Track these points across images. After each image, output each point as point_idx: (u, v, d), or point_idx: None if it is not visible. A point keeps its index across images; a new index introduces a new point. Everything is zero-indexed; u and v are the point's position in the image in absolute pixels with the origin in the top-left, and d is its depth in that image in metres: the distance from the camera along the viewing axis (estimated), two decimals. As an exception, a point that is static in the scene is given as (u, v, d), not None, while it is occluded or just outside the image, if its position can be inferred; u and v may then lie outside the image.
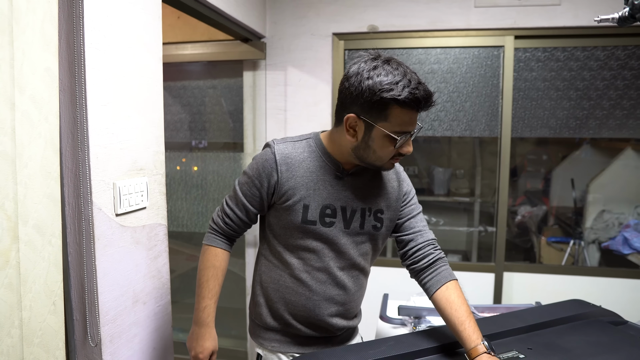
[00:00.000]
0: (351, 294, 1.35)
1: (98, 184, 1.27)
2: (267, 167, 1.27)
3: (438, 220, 3.96)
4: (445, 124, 2.62)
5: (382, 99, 1.12)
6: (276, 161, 1.26)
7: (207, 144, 3.14)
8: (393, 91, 1.11)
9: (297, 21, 2.67)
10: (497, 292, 2.60)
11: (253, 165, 1.31)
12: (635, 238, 2.83)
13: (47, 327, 1.16)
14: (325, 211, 1.27)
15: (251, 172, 1.31)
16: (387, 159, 1.22)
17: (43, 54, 1.12)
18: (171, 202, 2.88)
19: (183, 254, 3.27)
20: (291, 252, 1.32)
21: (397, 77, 1.12)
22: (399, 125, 1.15)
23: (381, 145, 1.18)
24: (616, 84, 2.47)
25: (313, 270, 1.31)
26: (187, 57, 2.84)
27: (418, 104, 1.14)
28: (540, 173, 4.08)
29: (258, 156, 1.32)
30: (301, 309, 1.33)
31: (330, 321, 1.34)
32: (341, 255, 1.31)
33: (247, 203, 1.32)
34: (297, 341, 1.37)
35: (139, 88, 1.44)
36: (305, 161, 1.28)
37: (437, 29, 2.55)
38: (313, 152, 1.29)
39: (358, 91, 1.14)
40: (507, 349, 1.18)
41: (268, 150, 1.30)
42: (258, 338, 1.41)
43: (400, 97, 1.11)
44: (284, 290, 1.33)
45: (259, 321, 1.40)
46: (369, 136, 1.18)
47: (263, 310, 1.38)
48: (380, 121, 1.15)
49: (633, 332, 1.30)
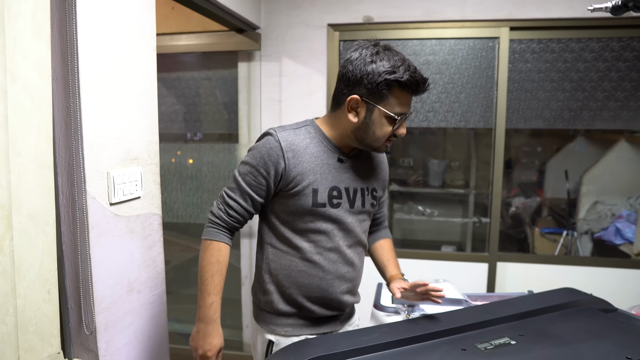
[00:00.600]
0: (357, 269, 1.45)
1: (92, 173, 1.27)
2: (273, 155, 1.29)
3: (433, 211, 3.98)
4: (440, 115, 2.63)
5: (386, 81, 1.22)
6: (282, 149, 1.29)
7: (201, 135, 3.13)
8: (396, 74, 1.21)
9: (291, 12, 2.66)
10: (491, 282, 2.62)
11: (256, 155, 1.31)
12: (627, 229, 2.86)
13: (42, 315, 1.16)
14: (332, 193, 1.34)
15: (255, 162, 1.31)
16: (383, 140, 1.31)
17: (35, 42, 1.11)
18: (166, 193, 2.88)
19: (178, 245, 3.28)
20: (301, 236, 1.35)
21: (398, 62, 1.23)
22: (398, 106, 1.26)
23: (380, 125, 1.27)
24: (610, 76, 2.48)
25: (325, 251, 1.36)
26: (181, 48, 2.82)
27: (417, 86, 1.24)
28: (535, 165, 4.10)
29: (260, 145, 1.32)
30: (315, 290, 1.37)
31: (342, 298, 1.41)
32: (349, 233, 1.38)
33: (253, 193, 1.32)
34: (310, 323, 1.42)
35: (133, 77, 1.44)
36: (309, 147, 1.32)
37: (433, 20, 2.55)
38: (314, 138, 1.34)
39: (361, 74, 1.24)
40: (499, 336, 1.20)
41: (271, 138, 1.31)
42: (269, 325, 1.42)
43: (402, 79, 1.21)
44: (297, 275, 1.36)
45: (269, 309, 1.41)
46: (370, 117, 1.27)
47: (274, 297, 1.40)
48: (381, 102, 1.25)
49: (622, 319, 1.31)
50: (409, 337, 1.18)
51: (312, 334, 1.41)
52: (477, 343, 1.13)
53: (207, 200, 2.86)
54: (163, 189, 2.83)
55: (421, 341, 1.19)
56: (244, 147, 2.81)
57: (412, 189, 4.00)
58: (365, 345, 1.13)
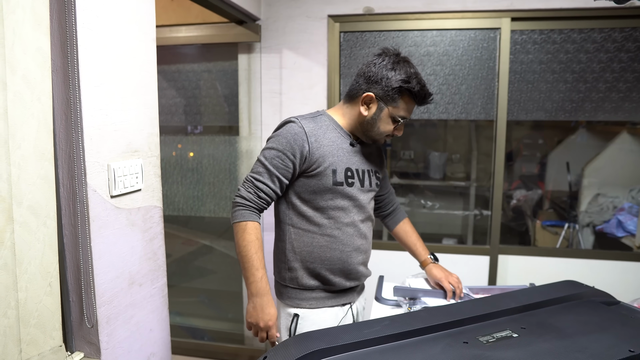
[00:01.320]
0: (369, 242, 1.65)
1: (92, 166, 1.26)
2: (298, 140, 1.45)
3: (434, 204, 3.98)
4: (441, 106, 2.61)
5: (400, 87, 1.44)
6: (306, 133, 1.46)
7: (202, 128, 3.12)
8: (409, 84, 1.44)
9: (292, 3, 2.64)
10: (492, 275, 2.63)
11: (282, 140, 1.46)
12: (629, 221, 2.85)
13: (44, 308, 1.16)
14: (347, 173, 1.52)
15: (282, 146, 1.45)
16: (384, 136, 1.54)
17: (34, 33, 1.10)
18: (167, 186, 2.88)
19: (179, 238, 3.28)
20: (322, 214, 1.51)
21: (413, 75, 1.45)
22: (404, 111, 1.49)
23: (385, 123, 1.50)
24: (612, 67, 2.46)
25: (343, 226, 1.53)
26: (181, 40, 2.81)
27: (423, 98, 1.47)
28: (536, 157, 4.09)
29: (284, 131, 1.47)
30: (337, 262, 1.54)
31: (359, 269, 1.60)
32: (361, 209, 1.57)
33: (280, 175, 1.46)
34: (332, 295, 1.59)
35: (133, 69, 1.43)
36: (327, 133, 1.51)
37: (433, 11, 2.52)
38: (329, 126, 1.53)
39: (381, 76, 1.45)
40: (501, 329, 1.19)
41: (294, 125, 1.47)
42: (295, 300, 1.57)
43: (414, 89, 1.44)
44: (319, 250, 1.53)
45: (295, 284, 1.56)
46: (379, 115, 1.49)
47: (299, 273, 1.55)
48: (391, 105, 1.47)
49: (625, 312, 1.31)
50: (410, 330, 1.18)
51: (333, 306, 1.59)
52: (478, 336, 1.13)
53: (207, 193, 2.86)
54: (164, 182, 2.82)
55: (423, 334, 1.18)
56: (245, 139, 2.80)
57: (413, 182, 3.99)
58: (367, 338, 1.13)
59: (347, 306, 1.64)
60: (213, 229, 3.29)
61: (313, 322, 1.56)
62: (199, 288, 3.37)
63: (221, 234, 3.27)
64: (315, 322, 1.56)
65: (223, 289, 3.37)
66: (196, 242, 3.33)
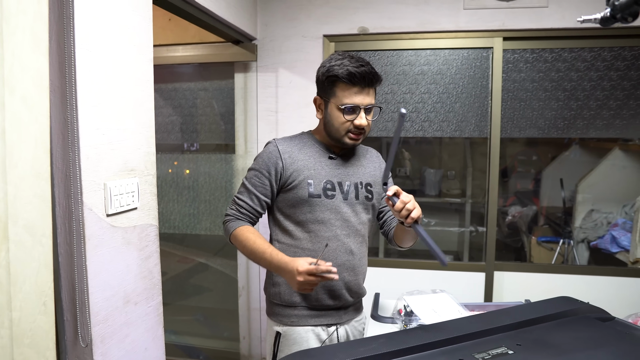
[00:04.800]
0: (357, 258, 1.57)
1: (89, 185, 1.27)
2: (272, 158, 1.51)
3: (430, 220, 3.99)
4: (435, 124, 2.64)
5: (328, 78, 1.46)
6: (279, 151, 1.51)
7: (198, 146, 3.14)
8: (335, 70, 1.43)
9: (288, 23, 2.68)
10: (488, 291, 2.62)
11: (258, 161, 1.54)
12: (623, 237, 2.87)
13: (38, 328, 1.16)
14: (327, 186, 1.51)
15: (258, 166, 1.53)
16: (343, 131, 1.48)
17: (33, 54, 1.12)
18: (163, 204, 2.88)
19: (175, 256, 3.26)
20: (302, 227, 1.52)
21: (342, 60, 1.44)
22: (346, 98, 1.44)
23: (335, 117, 1.48)
24: (602, 85, 2.50)
25: (324, 240, 1.50)
26: (178, 59, 2.84)
27: (353, 77, 1.41)
28: (531, 174, 4.12)
29: (262, 152, 1.55)
30: None
31: (343, 286, 1.53)
32: (345, 223, 1.53)
33: (258, 193, 1.52)
34: (315, 313, 1.54)
35: (130, 89, 1.44)
36: (303, 149, 1.54)
37: (427, 31, 2.57)
38: (308, 142, 1.57)
39: (317, 76, 1.52)
40: (497, 345, 1.19)
41: (270, 145, 1.55)
42: (277, 316, 1.56)
43: (339, 73, 1.42)
44: None
45: (278, 300, 1.55)
46: (326, 111, 1.51)
47: (282, 288, 1.54)
48: (331, 97, 1.48)
49: (620, 327, 1.32)
50: (406, 348, 1.17)
51: (317, 325, 1.54)
52: (474, 353, 1.13)
53: (203, 211, 2.86)
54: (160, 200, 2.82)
55: (418, 351, 1.18)
56: (241, 157, 2.81)
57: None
58: (363, 355, 1.13)
59: (332, 327, 1.57)
60: (209, 247, 3.28)
61: (294, 342, 1.52)
62: (195, 306, 3.35)
63: (217, 252, 3.26)
64: (297, 342, 1.52)
65: (219, 307, 3.34)
66: (192, 259, 3.31)
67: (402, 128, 1.20)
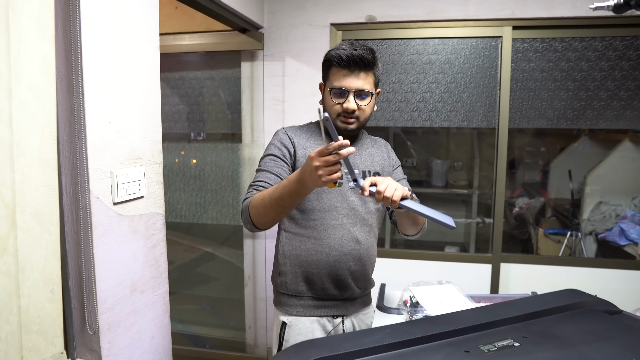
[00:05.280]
0: (364, 248, 1.54)
1: (95, 173, 1.27)
2: (284, 141, 1.51)
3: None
4: (442, 114, 2.62)
5: (325, 62, 1.49)
6: (289, 136, 1.53)
7: (205, 135, 3.14)
8: (329, 54, 1.46)
9: (295, 11, 2.65)
10: (494, 283, 2.62)
11: (270, 146, 1.53)
12: (631, 229, 2.84)
13: (46, 315, 1.17)
14: None
15: (271, 151, 1.51)
16: (335, 115, 1.47)
17: (39, 42, 1.11)
18: (169, 193, 2.88)
19: (181, 245, 3.28)
20: (308, 216, 1.50)
21: (343, 45, 1.44)
22: (336, 81, 1.45)
23: (327, 100, 1.49)
24: (614, 75, 2.46)
25: (329, 228, 1.49)
26: (184, 48, 2.83)
27: (340, 60, 1.41)
28: (539, 165, 4.08)
29: (273, 139, 1.55)
30: (323, 267, 1.49)
31: (349, 275, 1.52)
32: (352, 211, 1.51)
33: (276, 170, 1.47)
34: (321, 304, 1.53)
35: (136, 77, 1.44)
36: (312, 136, 1.55)
37: (435, 20, 2.54)
38: (315, 131, 1.57)
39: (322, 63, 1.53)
40: (503, 337, 1.19)
41: (279, 132, 1.56)
42: (283, 306, 1.55)
43: (330, 56, 1.45)
44: (306, 254, 1.50)
45: (284, 289, 1.55)
46: (324, 95, 1.53)
47: (288, 277, 1.53)
48: (326, 81, 1.51)
49: (627, 321, 1.31)
50: (411, 339, 1.17)
51: (322, 316, 1.53)
52: (480, 345, 1.12)
53: (210, 200, 2.86)
54: (166, 189, 2.83)
55: (424, 343, 1.18)
56: (247, 147, 2.81)
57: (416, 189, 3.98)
58: (368, 346, 1.13)
59: (338, 319, 1.55)
60: (215, 236, 3.29)
61: (299, 332, 1.51)
62: (201, 295, 3.37)
63: (223, 241, 3.27)
64: (302, 332, 1.51)
65: (225, 297, 3.36)
66: (198, 249, 3.33)
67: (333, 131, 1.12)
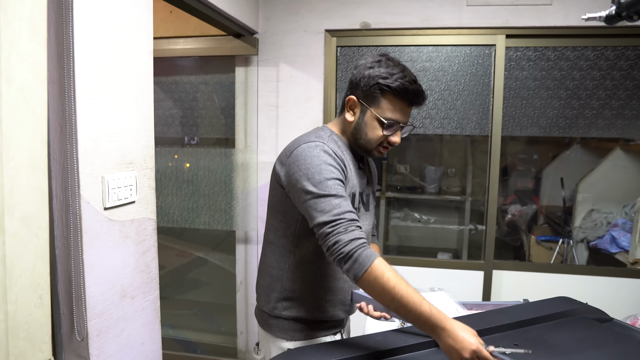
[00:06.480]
0: None
1: (86, 177, 1.26)
2: (337, 158, 1.27)
3: (429, 218, 3.98)
4: (436, 121, 2.63)
5: (378, 85, 1.29)
6: (335, 154, 1.28)
7: (198, 140, 3.13)
8: (388, 79, 1.28)
9: (289, 17, 2.66)
10: (487, 290, 2.62)
11: (331, 169, 1.23)
12: (622, 237, 2.86)
13: (33, 321, 1.15)
14: (356, 197, 1.38)
15: (336, 174, 1.23)
16: (375, 144, 1.35)
17: (31, 45, 1.10)
18: (162, 198, 2.87)
19: (173, 250, 3.26)
20: None
21: (395, 70, 1.29)
22: (389, 112, 1.31)
23: (372, 128, 1.33)
24: (605, 84, 2.49)
25: None
26: (179, 52, 2.82)
27: (406, 94, 1.29)
28: (531, 172, 4.11)
29: (315, 154, 1.24)
30: (339, 292, 1.41)
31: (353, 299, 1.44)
32: (366, 235, 1.32)
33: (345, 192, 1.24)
34: (328, 324, 1.44)
35: (129, 81, 1.43)
36: (344, 155, 1.35)
37: (430, 27, 2.55)
38: (344, 148, 1.38)
39: (360, 77, 1.32)
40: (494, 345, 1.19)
41: (328, 150, 1.26)
42: (289, 332, 1.40)
43: (392, 85, 1.27)
44: (322, 280, 1.39)
45: (291, 316, 1.39)
46: (363, 118, 1.34)
47: (298, 304, 1.38)
48: (373, 106, 1.32)
49: (618, 329, 1.31)
50: (403, 346, 1.17)
51: (326, 335, 1.45)
52: (472, 352, 1.12)
53: (202, 205, 2.85)
54: (159, 194, 2.81)
55: (415, 350, 1.18)
56: (241, 152, 2.80)
57: (409, 195, 4.00)
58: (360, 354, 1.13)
59: (338, 334, 1.50)
60: (207, 241, 3.27)
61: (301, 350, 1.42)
62: (193, 300, 3.35)
63: (215, 246, 3.25)
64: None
65: (217, 302, 3.34)
66: (190, 254, 3.31)
67: None
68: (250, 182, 2.80)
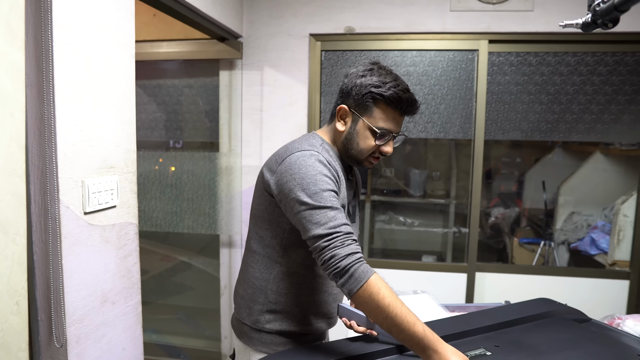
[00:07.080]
0: None
1: (66, 182, 1.24)
2: (331, 169, 1.24)
3: (413, 221, 4.01)
4: (420, 125, 2.65)
5: (370, 93, 1.25)
6: (330, 164, 1.25)
7: (182, 143, 3.11)
8: (380, 88, 1.24)
9: (274, 21, 2.66)
10: (470, 292, 2.64)
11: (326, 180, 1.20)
12: (602, 239, 2.91)
13: (10, 328, 1.13)
14: (345, 209, 1.32)
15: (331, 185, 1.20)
16: (367, 154, 1.31)
17: (8, 47, 1.09)
18: (145, 202, 2.84)
19: (157, 254, 3.23)
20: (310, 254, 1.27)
21: (387, 79, 1.26)
22: (381, 121, 1.27)
23: (364, 137, 1.29)
24: (585, 89, 2.53)
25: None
26: (162, 55, 2.80)
27: (399, 103, 1.25)
28: (514, 175, 4.16)
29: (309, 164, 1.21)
30: (323, 305, 1.38)
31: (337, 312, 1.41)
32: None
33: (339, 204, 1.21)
34: (310, 337, 1.40)
35: (111, 85, 1.42)
36: (337, 165, 1.30)
37: (413, 32, 2.58)
38: (334, 158, 1.33)
39: (352, 86, 1.28)
40: (475, 347, 1.20)
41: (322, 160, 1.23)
42: (270, 345, 1.35)
43: (385, 94, 1.24)
44: (308, 293, 1.35)
45: (273, 329, 1.34)
46: (355, 127, 1.30)
47: (281, 317, 1.34)
48: (365, 114, 1.28)
49: (595, 329, 1.33)
50: (385, 349, 1.18)
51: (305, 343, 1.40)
52: (452, 354, 1.13)
53: (186, 209, 2.83)
54: (142, 198, 2.79)
55: (398, 352, 1.19)
56: (225, 155, 2.79)
57: (393, 199, 4.02)
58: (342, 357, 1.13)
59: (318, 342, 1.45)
60: (191, 245, 3.25)
61: None
62: (177, 305, 3.32)
63: (199, 250, 3.23)
64: None
65: (201, 306, 3.31)
66: (174, 258, 3.28)
67: None
68: (234, 185, 2.79)
